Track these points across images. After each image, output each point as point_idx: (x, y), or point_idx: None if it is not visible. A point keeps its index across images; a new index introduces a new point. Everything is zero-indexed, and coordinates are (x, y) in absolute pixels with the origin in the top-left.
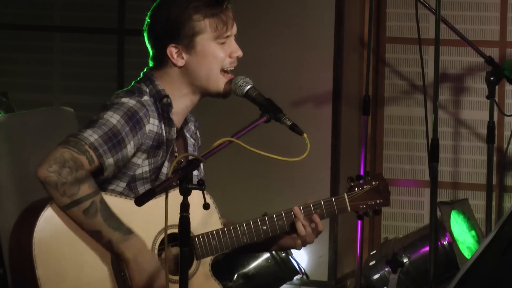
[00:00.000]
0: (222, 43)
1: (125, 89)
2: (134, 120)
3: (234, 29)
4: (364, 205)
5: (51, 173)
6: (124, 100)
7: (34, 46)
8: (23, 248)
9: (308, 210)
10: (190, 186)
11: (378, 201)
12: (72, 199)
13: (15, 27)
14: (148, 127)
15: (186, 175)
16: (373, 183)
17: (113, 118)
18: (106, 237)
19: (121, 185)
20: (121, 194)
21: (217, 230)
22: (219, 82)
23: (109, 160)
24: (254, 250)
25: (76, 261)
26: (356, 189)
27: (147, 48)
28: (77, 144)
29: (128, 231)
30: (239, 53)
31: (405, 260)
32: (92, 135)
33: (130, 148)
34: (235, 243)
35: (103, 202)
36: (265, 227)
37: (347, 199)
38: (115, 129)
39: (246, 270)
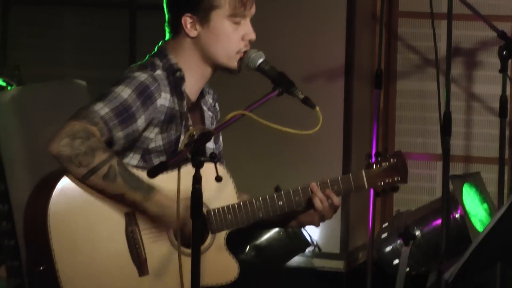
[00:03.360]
0: (237, 23)
1: (139, 63)
2: (145, 95)
3: (253, 10)
4: (382, 183)
5: (63, 147)
6: (136, 74)
7: (46, 20)
8: (38, 220)
9: (325, 186)
10: (202, 158)
11: (396, 179)
12: (89, 167)
13: (27, 2)
14: (160, 102)
15: (198, 148)
16: (392, 160)
17: (125, 92)
18: (129, 199)
19: (136, 157)
20: (136, 166)
21: (233, 205)
22: (232, 60)
23: (119, 134)
24: (271, 226)
25: (91, 234)
26: (374, 166)
27: (159, 21)
28: (87, 116)
29: (150, 189)
30: (252, 36)
31: (417, 233)
32: (103, 108)
33: (140, 122)
34: (250, 218)
35: (121, 164)
36: (281, 203)
37: (364, 176)
38: (126, 103)
39: (258, 242)
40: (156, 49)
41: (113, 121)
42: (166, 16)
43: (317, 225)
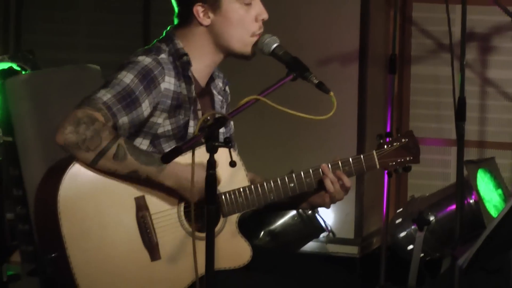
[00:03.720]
0: (248, 4)
1: (145, 47)
2: (148, 79)
3: None
4: (393, 162)
5: (69, 134)
6: (140, 58)
7: (61, 4)
8: (48, 206)
9: (336, 167)
10: (216, 144)
11: (407, 159)
12: (98, 151)
13: None
14: (164, 86)
15: (212, 133)
16: (403, 140)
17: (127, 77)
18: (143, 174)
19: (145, 143)
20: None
21: (244, 188)
22: (247, 45)
23: (123, 119)
24: (282, 208)
25: (101, 219)
26: (385, 146)
27: (173, 5)
28: (90, 103)
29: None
30: (265, 15)
31: (431, 218)
32: (105, 95)
33: (145, 107)
34: (262, 200)
35: (127, 142)
36: (292, 184)
37: (376, 156)
38: (128, 88)
39: (272, 227)
40: (164, 33)
41: (117, 106)
42: (176, 9)
43: (327, 206)
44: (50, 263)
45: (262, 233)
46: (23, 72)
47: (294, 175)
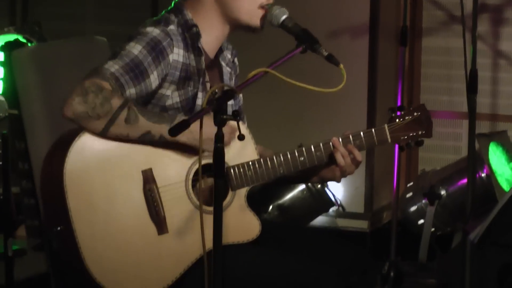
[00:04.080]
0: None
1: (154, 18)
2: (156, 50)
3: None
4: (405, 137)
5: (77, 105)
6: (148, 29)
7: None
8: (55, 179)
9: (347, 141)
10: (225, 117)
11: (420, 133)
12: (109, 116)
13: None
14: (172, 57)
15: (221, 106)
16: (415, 113)
17: (135, 48)
18: (157, 134)
19: None
20: None
21: (253, 161)
22: (254, 17)
23: (131, 90)
24: (291, 181)
25: (108, 193)
26: (396, 120)
27: None
28: (98, 73)
29: (173, 118)
30: None
31: (443, 192)
32: (113, 66)
33: (153, 78)
34: (271, 174)
35: (137, 104)
36: (302, 158)
37: (387, 130)
38: (136, 59)
39: (281, 201)
40: (172, 4)
41: (124, 77)
42: None
43: (338, 180)
44: (56, 237)
45: (271, 207)
46: (29, 44)
47: (304, 149)
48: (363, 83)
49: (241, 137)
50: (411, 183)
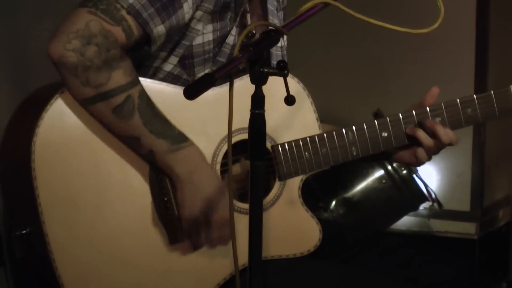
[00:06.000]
0: None
1: None
2: None
3: None
4: None
5: (70, 52)
6: None
7: None
8: (19, 159)
9: (455, 108)
10: (266, 70)
11: None
12: (99, 90)
13: None
14: None
15: (261, 54)
16: None
17: None
18: (146, 147)
19: (171, 61)
20: (166, 78)
21: (311, 137)
22: None
23: (159, 28)
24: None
25: (96, 180)
26: None
27: None
28: (109, 8)
29: (180, 138)
30: None
31: None
32: None
33: (187, 8)
34: (339, 157)
35: (143, 96)
36: (386, 134)
37: None
38: None
39: (349, 194)
40: None
41: (148, 10)
42: None
43: (420, 163)
44: (20, 243)
45: (334, 202)
46: None
47: (388, 119)
48: (469, 20)
49: (290, 101)
50: None
